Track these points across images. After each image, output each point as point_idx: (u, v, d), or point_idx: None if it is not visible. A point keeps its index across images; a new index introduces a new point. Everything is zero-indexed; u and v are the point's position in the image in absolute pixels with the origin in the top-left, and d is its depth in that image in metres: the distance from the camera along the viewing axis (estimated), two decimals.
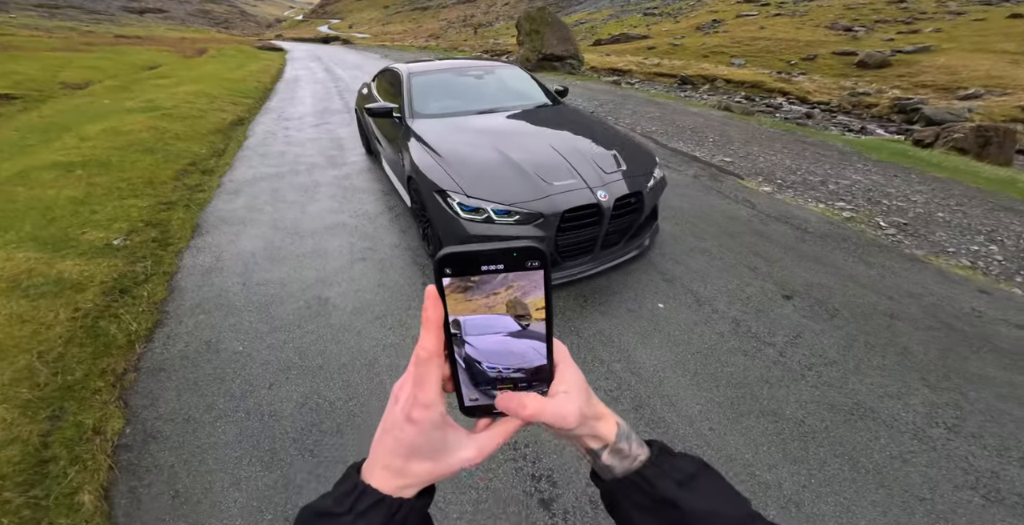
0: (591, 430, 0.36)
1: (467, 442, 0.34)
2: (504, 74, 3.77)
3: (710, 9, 32.78)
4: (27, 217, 3.40)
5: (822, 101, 14.55)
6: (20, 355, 2.08)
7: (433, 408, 0.32)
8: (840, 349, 2.13)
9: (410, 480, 0.33)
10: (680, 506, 0.33)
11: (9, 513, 1.43)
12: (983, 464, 1.61)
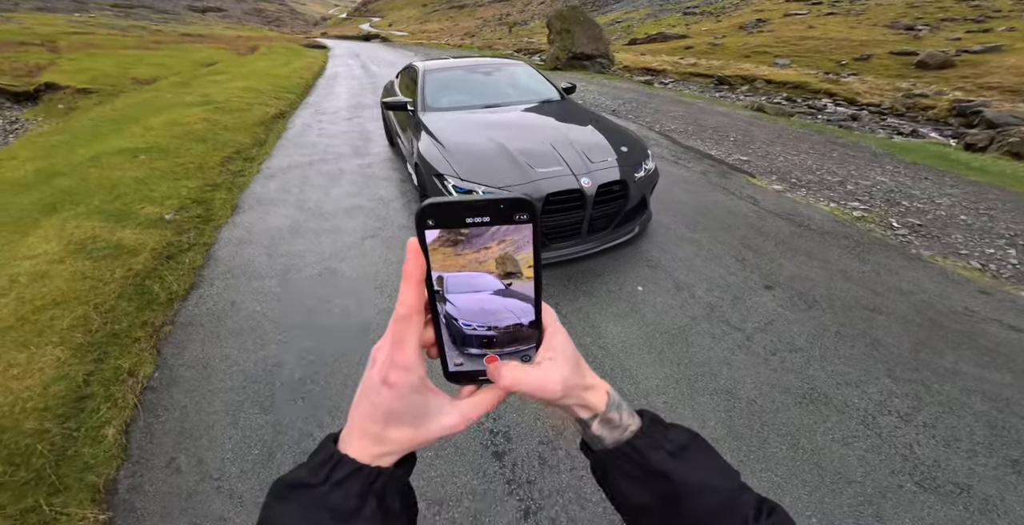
0: (579, 400, 0.34)
1: (449, 408, 0.33)
2: (513, 71, 3.97)
3: (755, 8, 31.64)
4: (97, 193, 3.92)
5: (872, 103, 13.77)
6: (79, 306, 2.49)
7: (412, 371, 0.30)
8: (809, 338, 2.18)
9: (389, 447, 0.31)
10: (672, 477, 0.33)
11: (45, 441, 1.70)
12: (927, 453, 1.65)
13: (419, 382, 0.31)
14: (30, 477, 1.56)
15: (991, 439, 1.70)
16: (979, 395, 1.87)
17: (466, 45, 30.70)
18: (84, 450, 1.71)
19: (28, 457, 1.63)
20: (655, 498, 0.33)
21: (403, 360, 0.30)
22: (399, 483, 0.32)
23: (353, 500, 0.29)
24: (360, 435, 0.31)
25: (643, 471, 0.34)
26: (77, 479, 1.60)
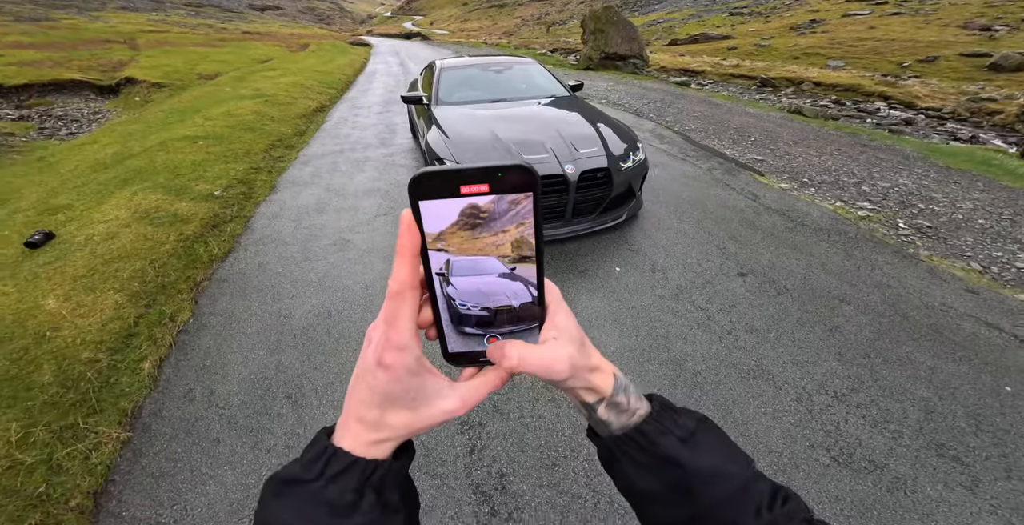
0: (585, 382, 0.33)
1: (449, 392, 0.32)
2: (523, 69, 4.22)
3: (810, 8, 30.17)
4: (161, 173, 4.54)
5: (932, 107, 12.90)
6: (139, 261, 2.99)
7: (407, 351, 0.29)
8: (768, 321, 2.29)
9: (386, 433, 0.30)
10: (682, 464, 0.32)
11: (94, 369, 2.10)
12: (851, 430, 1.75)
13: (416, 363, 0.30)
14: (76, 399, 1.93)
15: (922, 423, 1.78)
16: (925, 383, 1.94)
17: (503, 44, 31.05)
18: (123, 379, 2.09)
19: (78, 382, 2.01)
20: (665, 486, 0.32)
21: (398, 339, 0.29)
22: (397, 475, 0.31)
23: (350, 494, 0.28)
24: (356, 421, 0.30)
25: (652, 458, 0.33)
26: (112, 403, 1.96)
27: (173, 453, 1.72)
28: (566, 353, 0.31)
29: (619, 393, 0.34)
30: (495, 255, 0.29)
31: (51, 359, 2.12)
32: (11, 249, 3.12)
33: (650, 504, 0.34)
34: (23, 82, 10.65)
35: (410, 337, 0.29)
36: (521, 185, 0.27)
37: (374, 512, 0.29)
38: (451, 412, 0.32)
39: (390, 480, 0.30)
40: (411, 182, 0.27)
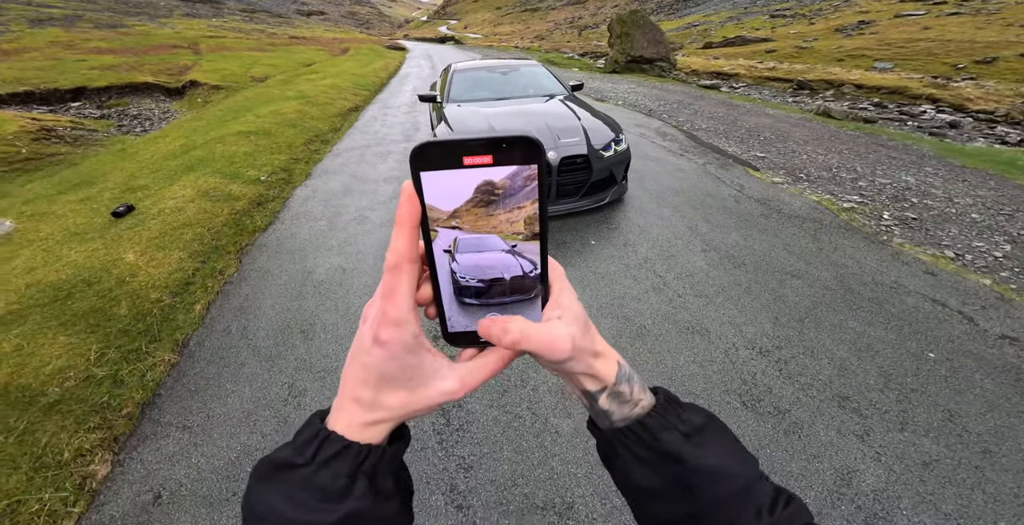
0: (587, 367, 0.32)
1: (448, 372, 0.31)
2: (528, 71, 4.65)
3: (859, 9, 28.94)
4: (219, 161, 5.27)
5: (984, 109, 12.26)
6: (199, 228, 3.62)
7: (404, 327, 0.28)
8: (718, 288, 2.59)
9: (383, 413, 0.29)
10: (684, 460, 0.31)
11: (159, 307, 2.65)
12: (765, 381, 2.02)
13: (413, 340, 0.29)
14: (143, 329, 2.48)
15: (833, 379, 2.02)
16: (848, 346, 2.18)
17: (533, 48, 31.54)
18: (179, 316, 2.64)
19: (145, 316, 2.57)
20: (665, 482, 0.31)
21: (395, 315, 0.28)
22: (391, 462, 0.30)
23: (342, 480, 0.27)
24: (351, 401, 0.29)
25: (654, 453, 0.32)
26: (168, 334, 2.49)
27: (208, 374, 2.20)
28: (568, 332, 0.30)
29: (622, 382, 0.33)
30: (509, 231, 0.29)
31: (127, 298, 2.72)
32: (101, 218, 3.85)
33: (648, 500, 0.33)
34: (104, 84, 12.12)
35: (407, 312, 0.28)
36: (526, 157, 0.27)
37: (366, 499, 0.28)
38: (449, 394, 0.30)
39: (384, 466, 0.29)
40: (413, 152, 0.26)
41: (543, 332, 0.30)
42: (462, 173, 0.27)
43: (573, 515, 1.49)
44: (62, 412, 1.94)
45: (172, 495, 1.60)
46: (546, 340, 0.29)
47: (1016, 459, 1.59)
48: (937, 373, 2.03)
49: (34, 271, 2.93)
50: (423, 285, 0.32)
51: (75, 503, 1.58)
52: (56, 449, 1.76)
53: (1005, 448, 1.64)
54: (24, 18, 22.28)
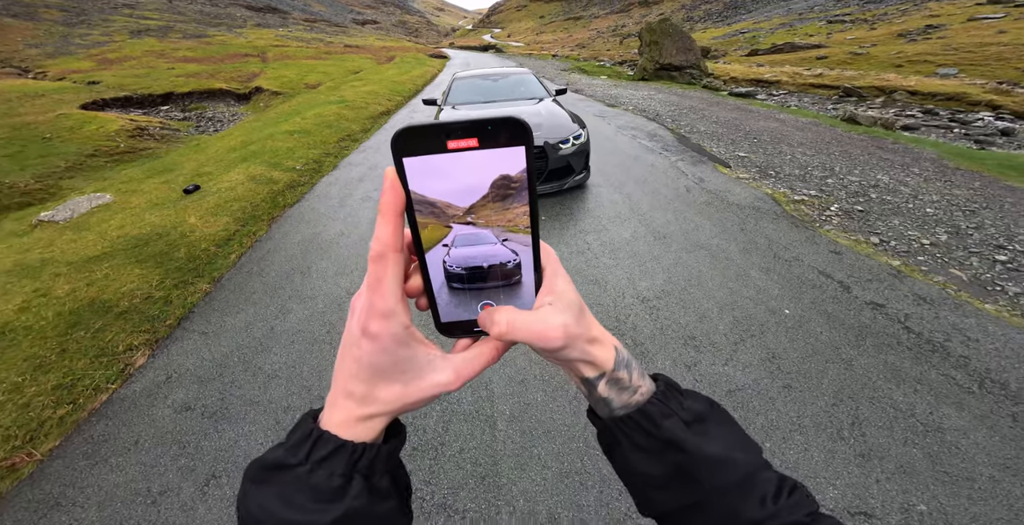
0: (583, 354, 0.31)
1: (442, 363, 0.30)
2: (518, 78, 5.33)
3: (929, 13, 27.12)
4: (267, 154, 6.35)
5: None
6: (244, 202, 4.58)
7: (393, 318, 0.27)
8: (631, 254, 3.12)
9: (376, 408, 0.29)
10: (686, 449, 0.30)
11: (206, 253, 3.56)
12: (633, 320, 2.54)
13: (403, 332, 0.28)
14: (192, 268, 3.38)
15: (691, 324, 2.49)
16: (718, 301, 2.62)
17: (572, 56, 32.06)
18: (219, 261, 3.54)
19: (196, 259, 3.48)
20: (666, 470, 0.31)
21: (382, 305, 0.27)
22: (388, 460, 0.30)
23: (337, 479, 0.27)
24: (345, 396, 0.29)
25: (655, 441, 0.31)
26: (209, 273, 3.38)
27: (228, 299, 3.00)
28: (561, 320, 0.29)
29: (620, 368, 0.32)
30: (522, 225, 0.29)
31: (185, 247, 3.65)
32: (175, 193, 4.93)
33: (649, 489, 0.32)
34: (188, 90, 14.10)
35: (395, 303, 0.28)
36: (512, 138, 0.26)
37: (362, 498, 0.27)
38: (444, 385, 0.30)
39: (379, 464, 0.29)
40: (394, 138, 0.26)
41: (533, 321, 0.29)
42: (447, 158, 0.26)
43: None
44: (126, 319, 2.81)
45: (178, 376, 2.33)
46: (537, 329, 0.29)
47: (809, 395, 1.99)
48: (783, 325, 2.43)
49: (123, 227, 3.96)
50: (412, 276, 0.31)
51: (114, 381, 2.34)
52: (115, 343, 2.58)
53: (804, 385, 2.04)
54: (127, 29, 25.65)
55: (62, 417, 2.12)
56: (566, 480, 1.64)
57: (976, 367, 2.06)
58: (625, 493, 1.65)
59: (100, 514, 1.63)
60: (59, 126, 8.84)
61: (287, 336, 2.57)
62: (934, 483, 1.54)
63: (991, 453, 1.64)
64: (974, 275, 2.88)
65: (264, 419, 2.02)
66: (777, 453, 1.70)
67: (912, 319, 2.39)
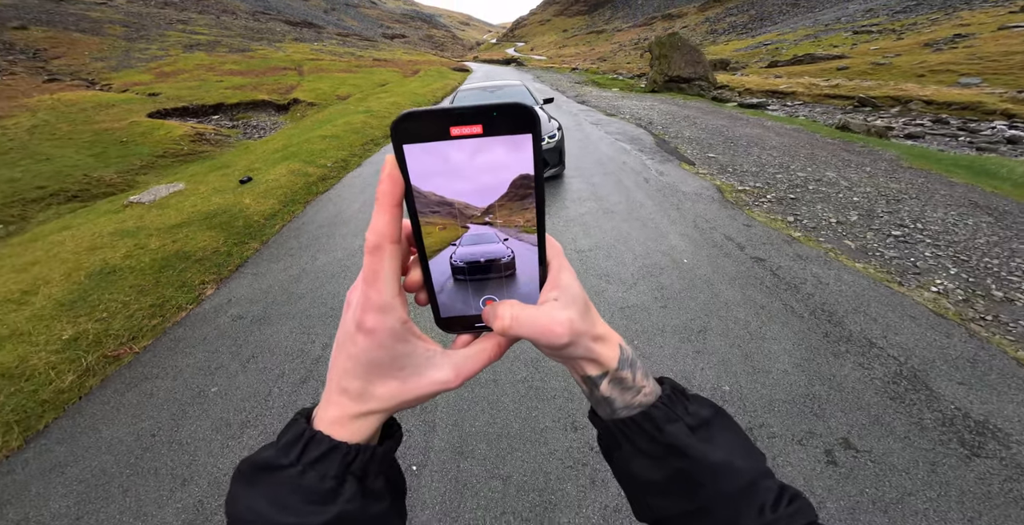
0: (587, 351, 0.30)
1: (441, 360, 0.30)
2: (511, 90, 6.27)
3: (959, 22, 26.68)
4: (303, 155, 7.50)
5: None
6: (285, 190, 5.66)
7: (390, 312, 0.27)
8: (580, 223, 3.92)
9: (373, 404, 0.28)
10: (689, 454, 0.30)
11: (258, 224, 4.58)
12: (595, 263, 3.33)
13: (401, 327, 0.27)
14: (248, 233, 4.44)
15: (609, 267, 3.25)
16: (633, 254, 3.39)
17: (591, 69, 33.01)
18: (267, 229, 4.61)
19: (251, 227, 4.56)
20: (668, 476, 0.30)
21: (378, 299, 0.26)
22: (382, 460, 0.29)
23: (330, 481, 0.26)
24: (339, 393, 0.28)
25: (658, 446, 0.31)
26: (259, 236, 4.41)
27: (273, 253, 4.01)
28: (566, 316, 0.29)
29: (624, 368, 0.32)
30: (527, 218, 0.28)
31: (243, 219, 4.70)
32: (232, 183, 6.08)
33: (649, 495, 0.32)
34: (235, 102, 15.83)
35: (392, 297, 0.27)
36: (518, 125, 0.25)
37: (356, 500, 0.27)
38: (444, 383, 0.29)
39: (374, 466, 0.28)
40: (394, 123, 0.25)
41: (538, 316, 0.28)
42: (451, 145, 0.25)
43: None
44: (201, 264, 3.83)
45: (235, 300, 3.29)
46: (541, 324, 0.28)
47: (678, 312, 2.73)
48: (678, 269, 3.18)
49: (196, 206, 5.07)
50: (412, 269, 0.31)
51: (191, 303, 3.32)
52: (193, 279, 3.60)
53: (677, 306, 2.79)
54: (180, 44, 27.59)
55: (155, 325, 3.10)
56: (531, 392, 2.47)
57: (815, 302, 2.75)
58: (577, 401, 2.09)
59: (174, 382, 2.51)
60: (133, 131, 10.41)
61: (313, 273, 3.53)
62: (742, 373, 2.25)
63: (792, 356, 2.34)
64: (862, 245, 3.53)
65: (292, 323, 2.93)
66: (642, 347, 2.46)
67: (782, 269, 3.10)
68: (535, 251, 0.30)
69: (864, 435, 1.87)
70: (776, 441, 1.87)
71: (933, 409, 1.99)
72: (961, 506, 1.59)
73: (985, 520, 1.54)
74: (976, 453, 1.78)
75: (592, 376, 0.32)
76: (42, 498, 1.89)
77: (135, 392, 2.49)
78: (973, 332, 2.48)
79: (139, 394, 2.47)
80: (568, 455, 1.87)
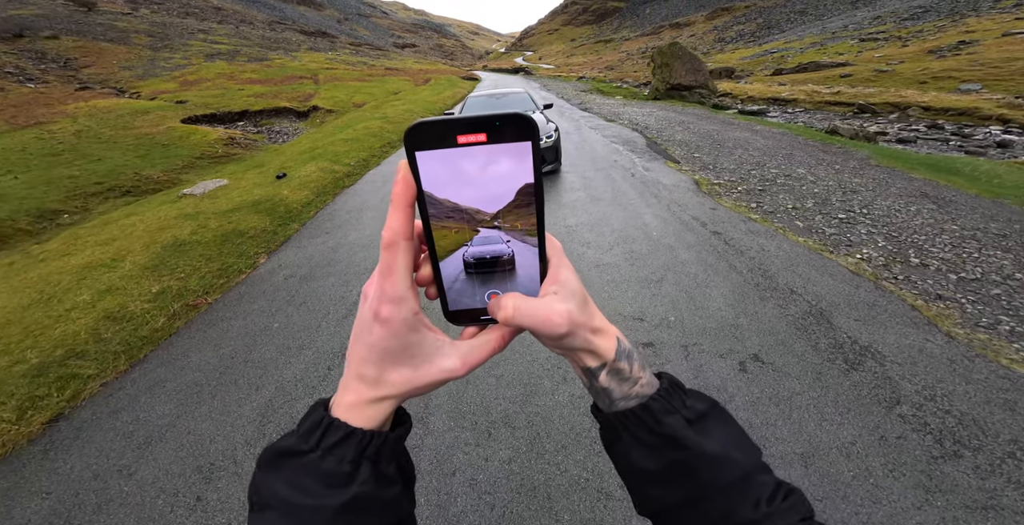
0: (585, 342, 0.32)
1: (450, 350, 0.32)
2: (514, 96, 7.01)
3: (964, 29, 26.84)
4: (328, 155, 8.33)
5: None
6: (316, 184, 6.46)
7: (403, 304, 0.29)
8: (570, 207, 4.60)
9: (386, 390, 0.31)
10: (687, 445, 0.31)
11: (295, 211, 5.32)
12: (575, 232, 4.00)
13: (413, 318, 0.30)
14: (288, 217, 5.23)
15: (590, 239, 3.91)
16: (611, 230, 4.04)
17: (598, 78, 33.81)
18: (303, 215, 5.40)
19: (291, 212, 5.36)
20: (665, 467, 0.32)
21: (393, 291, 0.29)
22: (394, 447, 0.31)
23: (347, 465, 0.29)
24: (356, 379, 0.31)
25: (656, 437, 0.32)
26: (298, 220, 5.19)
27: (311, 232, 4.77)
28: (565, 307, 0.31)
29: (622, 359, 0.34)
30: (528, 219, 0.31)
31: (283, 206, 5.48)
32: (269, 178, 6.90)
33: (647, 484, 0.34)
34: (259, 109, 16.90)
35: (406, 289, 0.29)
36: (519, 134, 0.28)
37: (370, 483, 0.29)
38: (451, 371, 0.31)
39: (387, 451, 0.31)
40: (407, 132, 0.27)
41: (539, 307, 0.31)
42: (461, 155, 0.28)
43: None
44: (253, 239, 4.60)
45: (285, 265, 4.04)
46: (542, 314, 0.30)
47: (643, 267, 3.38)
48: (648, 239, 3.84)
49: (242, 196, 5.87)
50: (423, 265, 0.33)
51: (248, 268, 4.08)
52: (248, 250, 4.37)
53: (643, 263, 3.43)
54: (202, 53, 28.38)
55: (222, 284, 3.84)
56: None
57: (755, 263, 3.39)
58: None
59: (244, 321, 3.22)
60: (171, 135, 11.40)
61: (347, 245, 4.28)
62: (685, 309, 2.89)
63: (726, 299, 2.97)
64: (809, 225, 4.14)
65: (333, 279, 3.65)
66: (616, 295, 3.11)
67: (734, 240, 3.74)
68: (536, 250, 0.32)
69: (770, 353, 2.50)
70: (704, 355, 2.51)
71: (828, 337, 2.60)
72: (836, 404, 2.18)
73: (853, 414, 2.14)
74: (854, 368, 2.39)
75: (592, 367, 0.33)
76: (149, 405, 2.56)
77: (214, 329, 3.21)
78: (882, 287, 3.08)
79: (217, 331, 3.19)
80: (548, 362, 2.52)
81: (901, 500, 1.74)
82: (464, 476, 1.90)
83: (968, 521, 1.65)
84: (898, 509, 1.71)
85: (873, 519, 1.68)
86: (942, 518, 1.67)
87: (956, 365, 2.35)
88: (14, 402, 2.55)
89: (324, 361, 2.73)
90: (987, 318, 2.75)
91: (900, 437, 1.98)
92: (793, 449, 1.94)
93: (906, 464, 1.87)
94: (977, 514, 1.68)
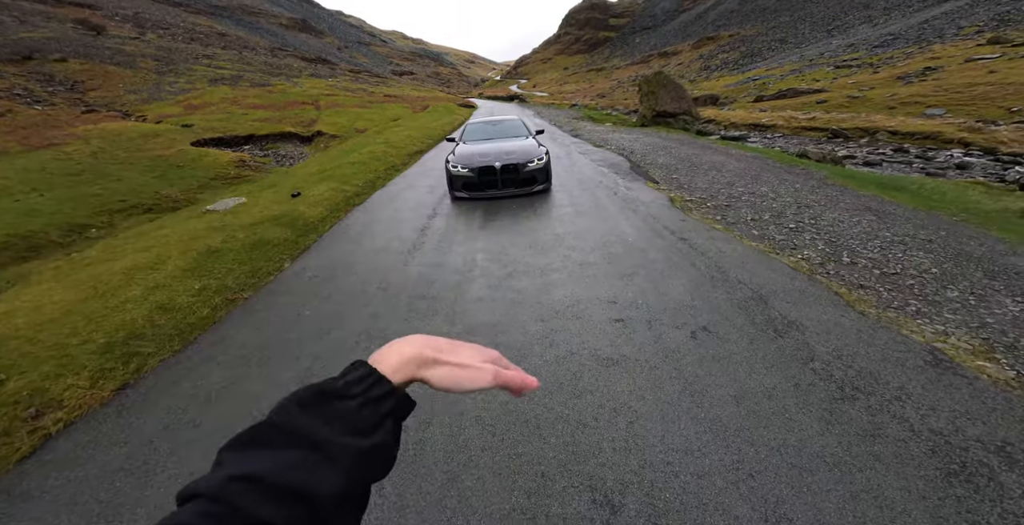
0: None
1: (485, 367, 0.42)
2: (509, 123, 7.88)
3: (930, 56, 28.24)
4: (337, 177, 9.04)
5: (1016, 152, 12.83)
6: (330, 201, 7.10)
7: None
8: (555, 215, 5.24)
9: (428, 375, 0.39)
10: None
11: (312, 224, 5.95)
12: (543, 238, 4.64)
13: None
14: (307, 229, 5.85)
15: (571, 244, 4.56)
16: (593, 234, 4.69)
17: (590, 105, 35.48)
18: (320, 228, 6.02)
19: (310, 225, 5.99)
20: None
21: (501, 382, 0.40)
22: (406, 413, 0.38)
23: (378, 417, 0.35)
24: (415, 355, 0.39)
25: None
26: (317, 231, 5.82)
27: (329, 243, 5.39)
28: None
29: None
30: None
31: (301, 221, 6.11)
32: (285, 197, 7.55)
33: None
34: (265, 133, 17.81)
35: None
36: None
37: (388, 436, 0.35)
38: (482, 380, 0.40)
39: (403, 412, 0.38)
40: None
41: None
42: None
43: None
44: (278, 247, 5.21)
45: (309, 268, 4.63)
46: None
47: (618, 264, 4.02)
48: (624, 243, 4.48)
49: (262, 212, 6.49)
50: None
51: (276, 271, 4.67)
52: (274, 257, 4.96)
53: (618, 261, 4.07)
54: (206, 78, 28.62)
55: (254, 283, 4.40)
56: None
57: (713, 261, 4.04)
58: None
59: (279, 311, 3.78)
60: (185, 157, 12.12)
61: (362, 252, 4.91)
62: (651, 295, 3.51)
63: (685, 287, 3.59)
64: (763, 233, 4.83)
65: (353, 277, 4.25)
66: (595, 285, 3.71)
67: (697, 244, 4.41)
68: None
69: (716, 326, 3.10)
70: (664, 327, 3.10)
71: (763, 314, 3.21)
72: (763, 361, 2.76)
73: (776, 368, 2.71)
74: (781, 335, 2.99)
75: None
76: (205, 374, 3.08)
77: (253, 317, 3.75)
78: (815, 280, 3.73)
79: (256, 318, 3.73)
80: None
81: (808, 429, 2.30)
82: (471, 415, 2.44)
83: (858, 444, 2.20)
84: (806, 435, 2.27)
85: (788, 441, 2.23)
86: (839, 441, 2.22)
87: (863, 334, 2.96)
88: (86, 373, 3.04)
89: (351, 338, 3.28)
90: (898, 302, 3.38)
91: (811, 384, 2.56)
92: (728, 393, 2.51)
93: (813, 404, 2.44)
94: (866, 439, 2.24)
